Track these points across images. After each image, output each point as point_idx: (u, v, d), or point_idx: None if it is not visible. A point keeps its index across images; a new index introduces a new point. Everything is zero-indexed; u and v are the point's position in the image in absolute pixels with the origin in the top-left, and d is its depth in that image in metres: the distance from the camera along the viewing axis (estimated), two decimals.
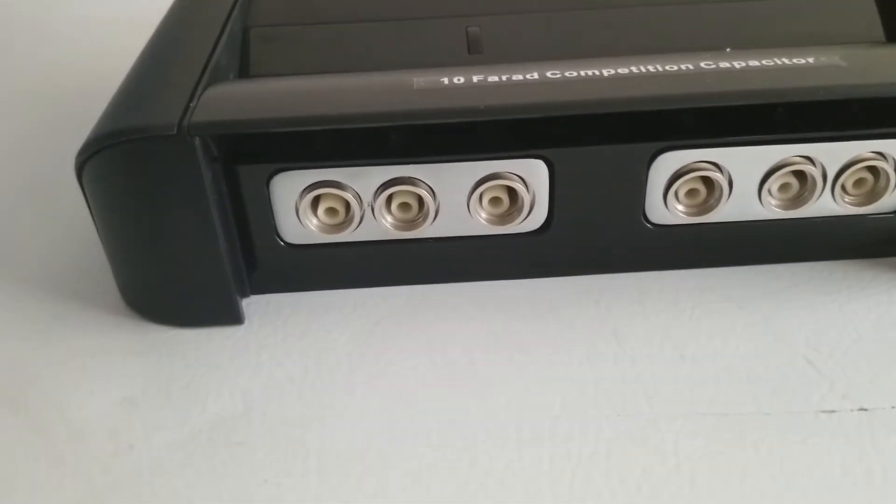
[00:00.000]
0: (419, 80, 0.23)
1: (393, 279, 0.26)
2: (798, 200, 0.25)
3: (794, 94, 0.22)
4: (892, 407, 0.22)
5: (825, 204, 0.25)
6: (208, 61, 0.25)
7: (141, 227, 0.24)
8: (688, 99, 0.22)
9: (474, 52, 0.27)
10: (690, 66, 0.23)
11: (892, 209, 0.26)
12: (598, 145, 0.24)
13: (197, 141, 0.22)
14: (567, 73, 0.23)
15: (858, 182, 0.25)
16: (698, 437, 0.21)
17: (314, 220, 0.25)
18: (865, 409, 0.22)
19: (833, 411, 0.22)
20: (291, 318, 0.25)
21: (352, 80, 0.24)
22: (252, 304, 0.26)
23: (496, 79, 0.23)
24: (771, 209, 0.25)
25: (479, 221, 0.25)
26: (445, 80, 0.23)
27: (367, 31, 0.28)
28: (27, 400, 0.23)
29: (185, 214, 0.23)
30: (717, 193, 0.25)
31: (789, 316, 0.25)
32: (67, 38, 0.48)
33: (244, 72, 0.27)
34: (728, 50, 0.25)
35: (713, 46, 0.26)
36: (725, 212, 0.25)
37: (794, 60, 0.23)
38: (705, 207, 0.25)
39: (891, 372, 0.23)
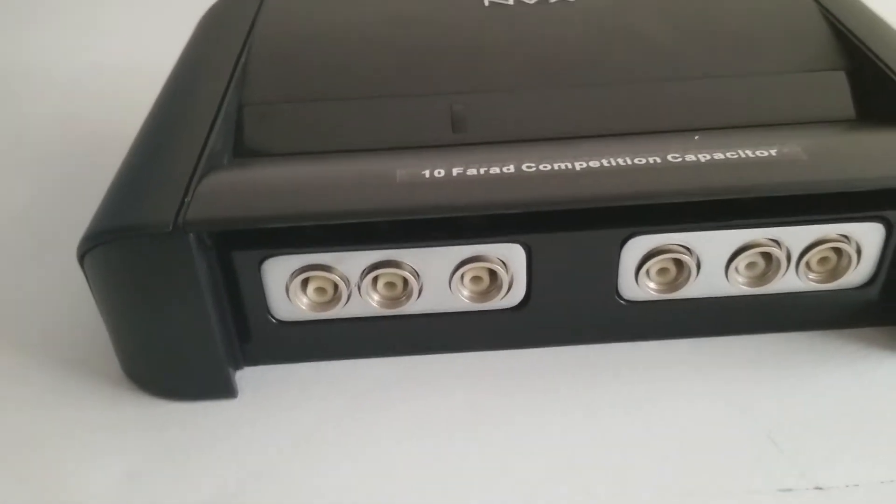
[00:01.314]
0: (402, 171, 0.25)
1: (380, 351, 0.28)
2: (764, 278, 0.26)
3: (755, 191, 0.24)
4: (847, 486, 0.23)
5: (790, 281, 0.26)
6: (204, 147, 0.26)
7: (139, 311, 0.25)
8: (653, 196, 0.24)
9: (458, 132, 0.28)
10: (658, 160, 0.24)
11: (856, 284, 0.27)
12: (572, 231, 0.25)
13: (191, 236, 0.23)
14: (541, 166, 0.24)
15: (822, 260, 0.26)
16: None
17: (304, 299, 0.26)
18: (821, 489, 0.23)
19: (790, 490, 0.23)
20: (283, 392, 0.27)
21: (340, 169, 0.26)
22: (246, 377, 0.27)
23: (475, 171, 0.24)
24: (738, 286, 0.26)
25: (460, 299, 0.26)
26: (426, 174, 0.24)
27: (357, 109, 0.29)
28: (32, 470, 0.25)
29: (180, 301, 0.24)
30: (686, 273, 0.26)
31: (755, 389, 0.26)
32: (73, 88, 0.49)
33: (239, 150, 0.28)
34: (696, 137, 0.26)
35: (690, 126, 0.28)
36: (694, 289, 0.26)
37: (758, 153, 0.24)
38: (675, 285, 0.26)
39: (847, 449, 0.24)
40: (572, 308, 0.27)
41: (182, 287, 0.24)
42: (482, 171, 0.25)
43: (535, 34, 0.33)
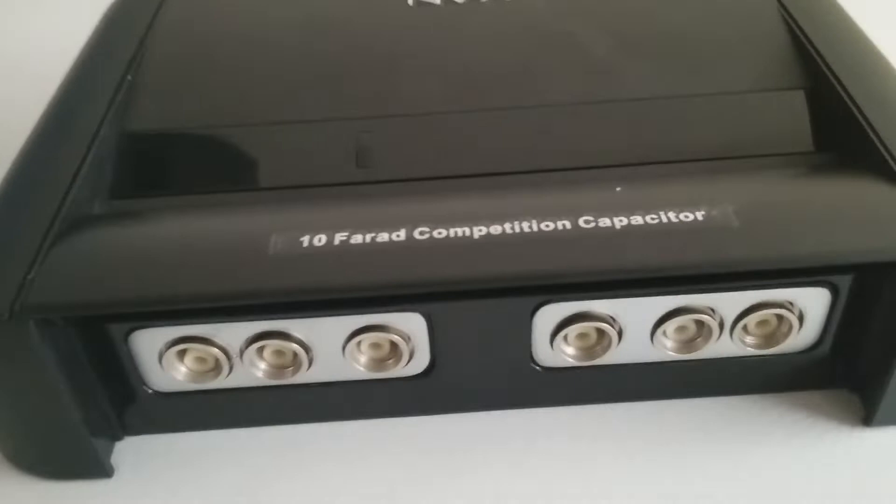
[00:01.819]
0: (277, 239, 0.22)
1: (270, 420, 0.25)
2: (694, 344, 0.24)
3: (671, 271, 0.21)
4: None
5: (724, 346, 0.24)
6: (66, 195, 0.23)
7: None
8: (556, 276, 0.21)
9: (362, 166, 0.25)
10: (568, 225, 0.21)
11: (799, 349, 0.24)
12: (475, 300, 0.22)
13: (32, 323, 0.20)
14: (436, 233, 0.21)
15: (761, 324, 0.24)
16: None
17: (181, 370, 0.24)
18: None
19: None
20: (164, 470, 0.24)
21: (211, 231, 0.23)
22: (123, 451, 0.25)
23: (360, 239, 0.21)
24: (665, 352, 0.24)
25: (356, 368, 0.24)
26: (305, 241, 0.22)
27: (250, 137, 0.26)
28: None
29: (30, 385, 0.22)
30: (606, 340, 0.23)
31: (678, 474, 0.23)
32: None
33: (115, 190, 0.25)
34: (618, 189, 0.23)
35: (619, 160, 0.25)
36: (617, 355, 0.24)
37: (683, 216, 0.21)
38: (595, 352, 0.24)
39: None
40: (482, 376, 0.24)
41: (28, 372, 0.21)
42: (368, 238, 0.22)
43: (461, 42, 0.30)
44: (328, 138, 0.26)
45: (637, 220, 0.21)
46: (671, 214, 0.21)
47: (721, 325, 0.23)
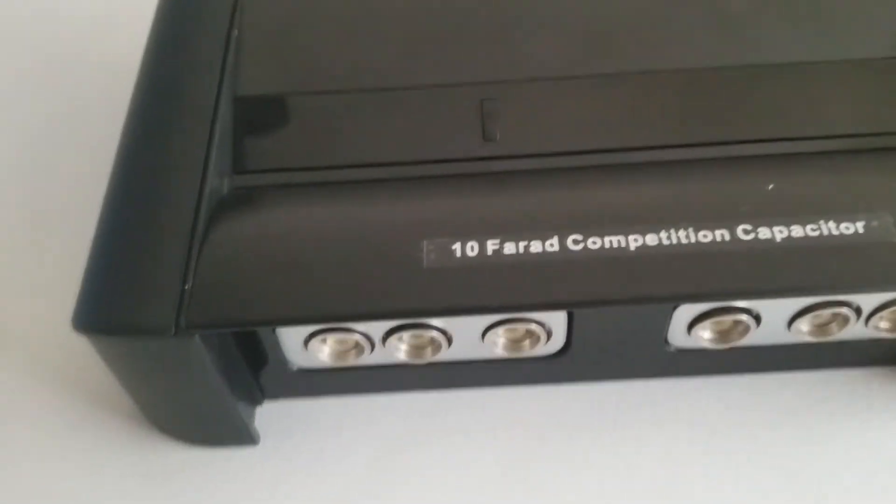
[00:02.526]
0: (430, 247, 0.21)
1: (409, 387, 0.26)
2: (828, 329, 0.24)
3: (833, 293, 0.21)
4: None
5: (857, 331, 0.24)
6: (202, 182, 0.23)
7: (148, 387, 0.23)
8: (717, 297, 0.21)
9: (488, 139, 0.25)
10: (727, 235, 0.21)
11: None
12: (619, 304, 0.22)
13: (197, 337, 0.21)
14: (591, 242, 0.21)
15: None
16: None
17: (325, 351, 0.24)
18: None
19: None
20: (306, 437, 0.26)
21: (360, 235, 0.22)
22: (266, 416, 0.26)
23: (513, 248, 0.21)
24: (800, 337, 0.24)
25: (493, 350, 0.24)
26: (457, 250, 0.21)
27: (366, 103, 0.25)
28: None
29: (189, 382, 0.23)
30: (742, 327, 0.24)
31: (804, 452, 0.24)
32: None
33: (238, 165, 0.25)
34: (770, 187, 0.22)
35: (771, 134, 0.24)
36: (752, 339, 0.24)
37: (844, 228, 0.21)
38: (731, 337, 0.24)
39: None
40: (616, 355, 0.25)
41: (188, 372, 0.22)
42: (521, 247, 0.21)
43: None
44: (450, 106, 0.25)
45: (797, 230, 0.21)
46: (831, 225, 0.21)
47: (858, 314, 0.23)
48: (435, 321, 0.23)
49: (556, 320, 0.23)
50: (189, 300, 0.21)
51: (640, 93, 0.25)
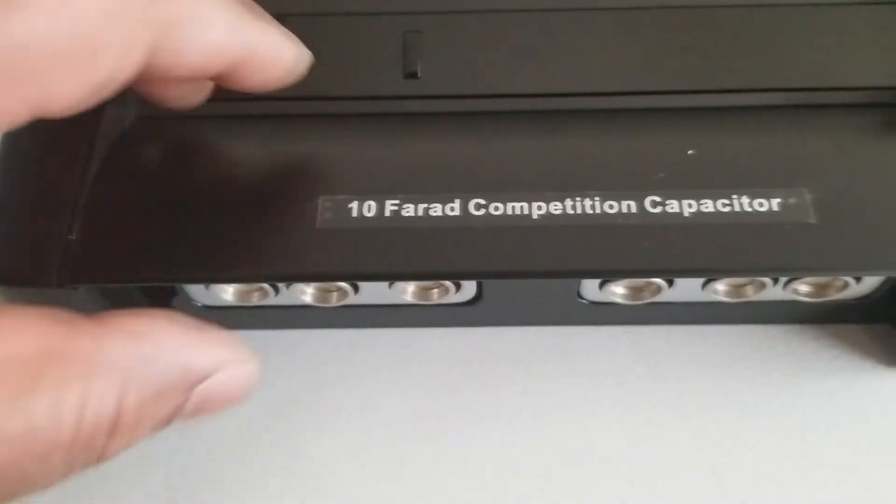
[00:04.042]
0: (325, 206, 0.21)
1: (317, 325, 0.26)
2: (745, 291, 0.23)
3: (738, 274, 0.20)
4: None
5: (775, 294, 0.23)
6: (100, 113, 0.22)
7: None
8: (618, 273, 0.20)
9: (409, 76, 0.23)
10: (634, 208, 0.20)
11: (852, 297, 0.24)
12: (538, 278, 0.22)
13: (81, 288, 0.20)
14: (493, 208, 0.20)
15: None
16: None
17: (229, 290, 0.24)
18: None
19: None
20: None
21: (253, 188, 0.21)
22: None
23: (411, 210, 0.20)
24: (715, 297, 0.24)
25: (403, 297, 0.24)
26: (353, 209, 0.20)
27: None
28: None
29: None
30: (655, 286, 0.23)
31: (712, 405, 0.24)
32: None
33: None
34: (690, 153, 0.21)
35: (710, 85, 0.22)
36: (666, 297, 0.24)
37: (757, 204, 0.20)
38: (644, 295, 0.24)
39: (788, 496, 0.23)
40: (529, 305, 0.25)
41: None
42: (421, 210, 0.20)
43: None
44: (370, 37, 0.23)
45: (707, 206, 0.20)
46: (744, 201, 0.20)
47: (775, 280, 0.23)
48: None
49: (465, 282, 0.23)
50: (73, 251, 0.20)
51: (572, 32, 0.23)
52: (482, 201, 0.20)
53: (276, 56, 0.19)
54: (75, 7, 0.15)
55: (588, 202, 0.20)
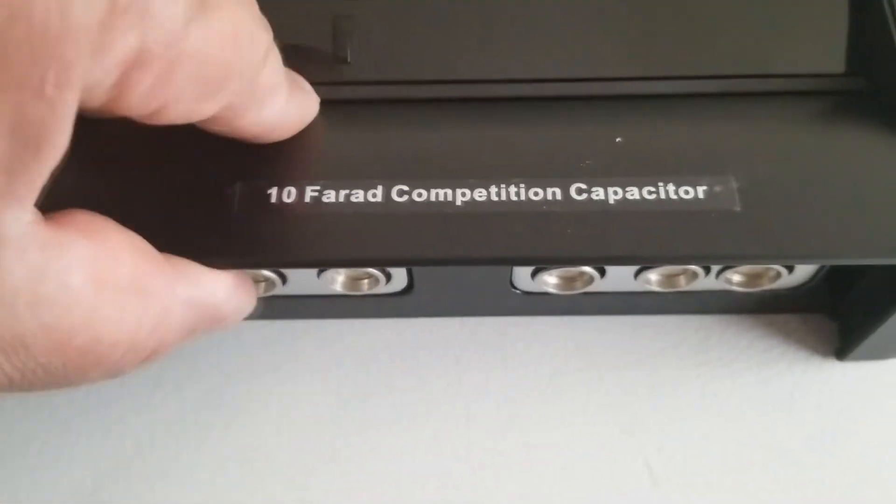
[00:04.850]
0: (241, 190, 0.20)
1: (248, 316, 0.25)
2: (677, 281, 0.23)
3: (662, 262, 0.20)
4: None
5: (708, 283, 0.23)
6: None
7: None
8: (541, 261, 0.20)
9: (338, 61, 0.23)
10: (559, 195, 0.20)
11: (784, 287, 0.24)
12: (460, 265, 0.21)
13: None
14: (416, 195, 0.20)
15: (749, 269, 0.23)
16: None
17: None
18: None
19: None
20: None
21: (171, 165, 0.21)
22: None
23: (332, 197, 0.20)
24: (648, 286, 0.23)
25: (332, 287, 0.23)
26: (272, 195, 0.20)
27: None
28: None
29: None
30: (587, 277, 0.23)
31: (646, 396, 0.24)
32: None
33: None
34: (618, 140, 0.21)
35: (625, 69, 0.22)
36: (598, 287, 0.23)
37: (683, 192, 0.20)
38: (576, 285, 0.23)
39: (720, 487, 0.23)
40: (462, 295, 0.24)
41: None
42: (342, 196, 0.20)
43: None
44: (299, 21, 0.23)
45: (633, 193, 0.20)
46: (670, 188, 0.20)
47: (707, 271, 0.22)
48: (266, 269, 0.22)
49: (394, 270, 0.22)
50: None
51: (502, 19, 0.23)
52: (405, 187, 0.20)
53: (303, 122, 0.21)
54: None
55: (513, 189, 0.20)
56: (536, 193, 0.20)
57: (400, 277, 0.23)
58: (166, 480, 0.23)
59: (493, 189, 0.20)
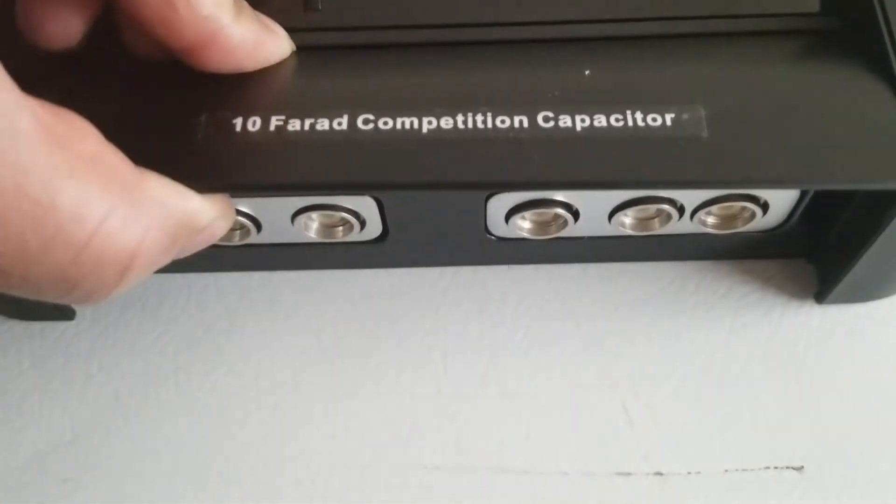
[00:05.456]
0: (207, 121, 0.20)
1: (225, 268, 0.25)
2: (652, 223, 0.23)
3: (628, 186, 0.19)
4: (688, 473, 0.22)
5: (683, 226, 0.23)
6: None
7: None
8: (508, 185, 0.20)
9: (310, 8, 0.23)
10: (525, 122, 0.20)
11: (760, 229, 0.23)
12: (425, 190, 0.21)
13: None
14: (381, 123, 0.20)
15: (724, 207, 0.23)
16: (492, 500, 0.22)
17: None
18: (661, 474, 0.22)
19: (629, 474, 0.22)
20: (123, 314, 0.25)
21: (144, 103, 0.21)
22: None
23: (297, 125, 0.20)
24: (622, 230, 0.23)
25: (307, 235, 0.23)
26: (238, 125, 0.20)
27: None
28: None
29: None
30: (562, 220, 0.23)
31: (624, 344, 0.24)
32: None
33: None
34: (587, 73, 0.21)
35: (597, 12, 0.22)
36: (573, 231, 0.23)
37: (651, 119, 0.20)
38: (551, 229, 0.23)
39: (697, 432, 0.23)
40: (437, 241, 0.24)
41: None
42: (307, 125, 0.20)
43: None
44: None
45: (600, 120, 0.20)
46: (637, 116, 0.20)
47: (681, 211, 0.22)
48: (240, 205, 0.22)
49: (367, 207, 0.22)
50: None
51: None
52: (370, 116, 0.20)
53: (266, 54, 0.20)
54: None
55: (479, 117, 0.20)
56: (503, 121, 0.20)
57: (374, 223, 0.23)
58: (145, 430, 0.23)
59: (460, 117, 0.20)
